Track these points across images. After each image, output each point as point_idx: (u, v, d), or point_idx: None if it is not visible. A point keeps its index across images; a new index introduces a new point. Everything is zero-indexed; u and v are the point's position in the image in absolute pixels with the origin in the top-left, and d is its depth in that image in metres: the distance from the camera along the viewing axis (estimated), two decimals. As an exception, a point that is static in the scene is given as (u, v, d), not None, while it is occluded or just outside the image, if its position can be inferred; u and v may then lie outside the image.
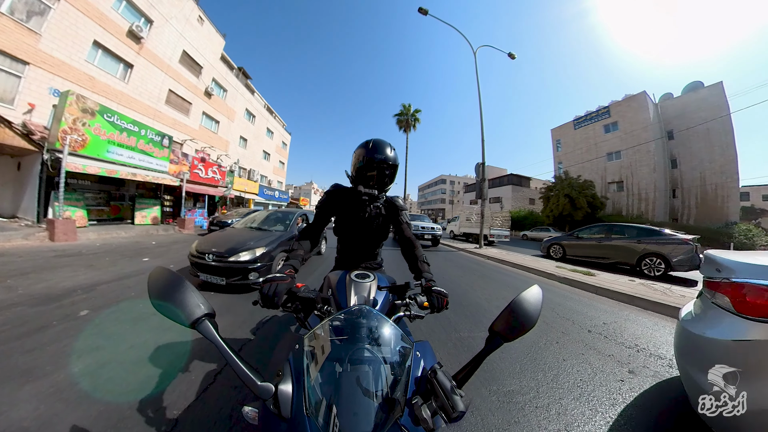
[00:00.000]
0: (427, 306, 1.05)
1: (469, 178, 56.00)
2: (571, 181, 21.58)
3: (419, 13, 10.30)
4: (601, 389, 1.83)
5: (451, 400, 0.52)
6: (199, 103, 15.63)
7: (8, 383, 1.54)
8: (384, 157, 1.22)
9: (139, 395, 1.50)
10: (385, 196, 1.38)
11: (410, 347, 0.71)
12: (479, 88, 10.88)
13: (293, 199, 34.65)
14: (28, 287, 3.17)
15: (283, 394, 0.55)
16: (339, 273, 1.30)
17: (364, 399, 0.57)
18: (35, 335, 2.10)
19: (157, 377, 1.68)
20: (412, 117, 28.47)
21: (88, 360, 1.82)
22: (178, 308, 0.56)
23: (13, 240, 5.66)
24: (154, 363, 1.83)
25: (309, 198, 54.48)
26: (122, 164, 9.33)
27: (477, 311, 3.33)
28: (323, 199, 1.40)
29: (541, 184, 31.47)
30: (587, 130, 27.31)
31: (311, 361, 0.64)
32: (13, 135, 6.77)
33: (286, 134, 30.81)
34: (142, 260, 5.11)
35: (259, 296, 0.88)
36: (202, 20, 15.31)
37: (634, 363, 2.23)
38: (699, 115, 21.43)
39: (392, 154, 1.24)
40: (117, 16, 10.43)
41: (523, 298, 0.68)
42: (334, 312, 0.98)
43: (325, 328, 0.72)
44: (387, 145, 1.24)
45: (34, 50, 8.06)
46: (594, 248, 7.77)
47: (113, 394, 1.51)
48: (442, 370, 0.58)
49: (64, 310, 2.60)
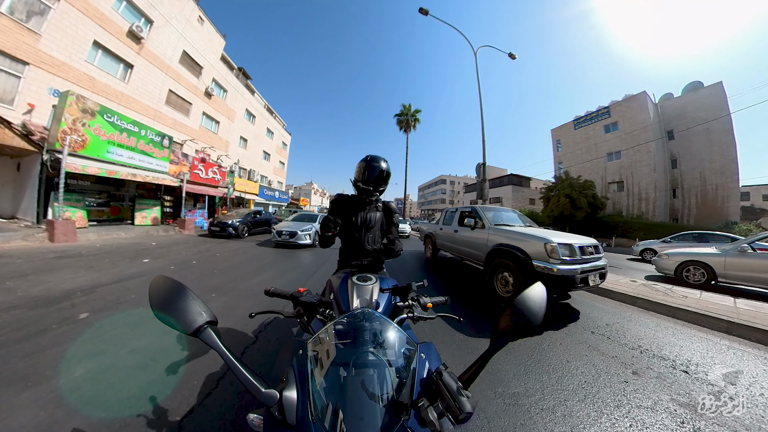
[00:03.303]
0: (431, 307, 1.04)
1: (469, 178, 56.02)
2: (572, 182, 21.55)
3: (420, 14, 10.29)
4: (605, 391, 1.82)
5: (457, 402, 0.51)
6: (199, 104, 15.62)
7: (7, 389, 1.52)
8: (378, 165, 1.52)
9: (140, 401, 1.49)
10: (381, 198, 1.67)
11: (414, 349, 0.70)
12: (480, 89, 10.87)
13: (293, 200, 34.60)
14: (28, 289, 3.15)
15: (287, 400, 0.55)
16: (341, 276, 1.29)
17: (370, 403, 0.56)
18: (34, 339, 2.08)
19: (158, 382, 1.66)
20: (412, 117, 28.48)
21: (88, 365, 1.80)
22: (180, 317, 0.57)
23: (12, 241, 5.65)
24: (155, 367, 1.81)
25: (309, 198, 54.45)
26: (122, 165, 9.31)
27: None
28: (329, 207, 1.68)
29: (541, 184, 31.45)
30: (587, 131, 27.32)
31: (315, 365, 0.63)
32: (12, 135, 6.75)
33: (286, 134, 30.80)
34: (143, 261, 5.09)
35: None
36: (202, 20, 15.30)
37: (638, 364, 2.22)
38: (699, 115, 21.44)
39: (385, 165, 1.54)
40: (117, 17, 10.42)
41: (527, 296, 0.68)
42: (336, 315, 0.98)
43: (329, 332, 0.72)
44: (381, 158, 1.54)
45: (33, 50, 8.04)
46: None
47: (114, 400, 1.49)
48: (447, 372, 0.57)
49: (64, 313, 2.58)
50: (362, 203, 1.61)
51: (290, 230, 8.28)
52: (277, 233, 8.30)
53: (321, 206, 55.93)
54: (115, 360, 1.88)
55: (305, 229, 8.56)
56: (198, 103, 15.53)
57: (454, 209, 6.44)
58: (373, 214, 1.61)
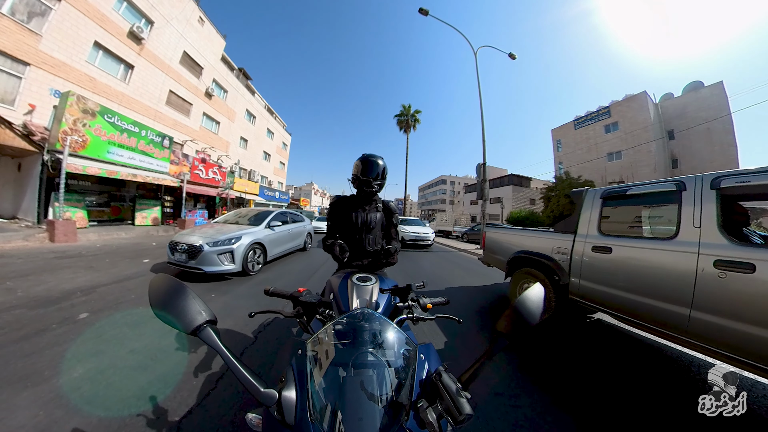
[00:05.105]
0: (430, 308, 1.04)
1: (469, 178, 55.99)
2: (572, 182, 21.51)
3: (420, 14, 10.30)
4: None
5: (457, 403, 0.50)
6: (199, 104, 15.64)
7: (6, 388, 1.52)
8: (375, 162, 1.52)
9: (139, 401, 1.49)
10: (381, 198, 1.67)
11: (414, 350, 0.70)
12: (480, 89, 10.87)
13: (293, 200, 34.62)
14: (28, 289, 3.16)
15: (286, 400, 0.54)
16: (341, 276, 1.29)
17: (369, 403, 0.56)
18: (34, 339, 2.08)
19: (157, 382, 1.66)
20: (412, 118, 28.49)
21: (88, 365, 1.80)
22: (180, 316, 0.57)
23: (13, 241, 5.65)
24: (154, 368, 1.81)
25: (309, 198, 54.48)
26: (123, 165, 9.32)
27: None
28: (329, 208, 1.69)
29: (541, 184, 31.40)
30: (588, 131, 27.30)
31: (314, 366, 0.63)
32: (13, 136, 6.77)
33: (287, 135, 30.82)
34: (143, 261, 5.09)
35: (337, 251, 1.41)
36: (202, 21, 15.32)
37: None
38: (699, 114, 21.41)
39: (382, 162, 1.55)
40: (118, 17, 10.44)
41: (526, 297, 0.68)
42: (336, 316, 0.98)
43: (328, 332, 0.72)
44: (378, 156, 1.56)
45: (34, 51, 8.06)
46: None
47: (114, 400, 1.49)
48: (446, 373, 0.57)
49: (64, 313, 2.58)
50: (362, 203, 1.60)
51: (193, 244, 4.08)
52: (170, 248, 4.27)
53: (321, 207, 55.93)
54: (114, 360, 1.88)
55: (224, 241, 4.26)
56: (198, 103, 15.55)
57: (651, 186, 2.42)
58: (374, 215, 1.60)
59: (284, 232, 6.14)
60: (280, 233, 5.90)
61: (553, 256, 2.88)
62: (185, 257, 4.08)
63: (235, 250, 4.28)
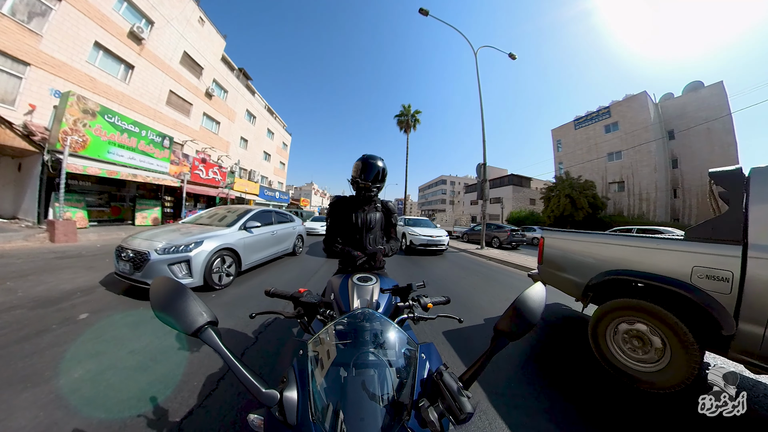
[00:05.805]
0: (431, 307, 1.04)
1: (469, 178, 55.99)
2: (572, 182, 21.55)
3: (420, 14, 10.30)
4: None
5: (458, 402, 0.51)
6: (199, 104, 15.64)
7: (6, 389, 1.52)
8: (375, 163, 1.51)
9: (140, 402, 1.48)
10: (380, 198, 1.68)
11: (415, 349, 0.70)
12: (480, 89, 10.88)
13: (294, 200, 34.63)
14: (28, 289, 3.15)
15: (288, 400, 0.55)
16: (341, 276, 1.29)
17: (371, 403, 0.56)
18: (34, 339, 2.08)
19: (158, 383, 1.65)
20: (412, 118, 28.49)
21: (88, 365, 1.80)
22: (180, 317, 0.57)
23: (13, 241, 5.65)
24: (155, 368, 1.81)
25: (309, 198, 54.50)
26: (123, 165, 9.32)
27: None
28: (329, 209, 1.68)
29: (541, 184, 31.43)
30: (588, 131, 27.29)
31: (316, 366, 0.63)
32: (13, 136, 6.77)
33: (287, 135, 30.83)
34: (143, 262, 5.08)
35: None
36: (202, 21, 15.33)
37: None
38: (700, 114, 21.40)
39: (381, 163, 1.54)
40: (118, 18, 10.45)
41: (527, 296, 0.68)
42: (337, 316, 0.98)
43: (329, 332, 0.72)
44: (378, 157, 1.55)
45: (35, 51, 8.07)
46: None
47: (114, 401, 1.49)
48: (447, 372, 0.57)
49: (64, 314, 2.58)
50: (362, 203, 1.61)
51: (138, 249, 3.26)
52: (116, 255, 3.41)
53: (321, 207, 55.94)
54: (115, 361, 1.87)
55: (178, 248, 3.34)
56: (198, 103, 15.55)
57: None
58: (373, 215, 1.61)
59: (266, 234, 5.12)
60: (260, 236, 4.88)
61: (698, 285, 1.68)
62: (129, 267, 3.18)
63: (192, 258, 3.33)
